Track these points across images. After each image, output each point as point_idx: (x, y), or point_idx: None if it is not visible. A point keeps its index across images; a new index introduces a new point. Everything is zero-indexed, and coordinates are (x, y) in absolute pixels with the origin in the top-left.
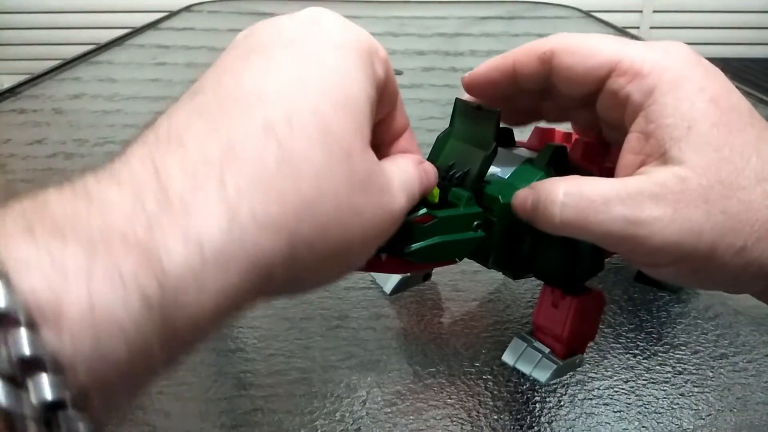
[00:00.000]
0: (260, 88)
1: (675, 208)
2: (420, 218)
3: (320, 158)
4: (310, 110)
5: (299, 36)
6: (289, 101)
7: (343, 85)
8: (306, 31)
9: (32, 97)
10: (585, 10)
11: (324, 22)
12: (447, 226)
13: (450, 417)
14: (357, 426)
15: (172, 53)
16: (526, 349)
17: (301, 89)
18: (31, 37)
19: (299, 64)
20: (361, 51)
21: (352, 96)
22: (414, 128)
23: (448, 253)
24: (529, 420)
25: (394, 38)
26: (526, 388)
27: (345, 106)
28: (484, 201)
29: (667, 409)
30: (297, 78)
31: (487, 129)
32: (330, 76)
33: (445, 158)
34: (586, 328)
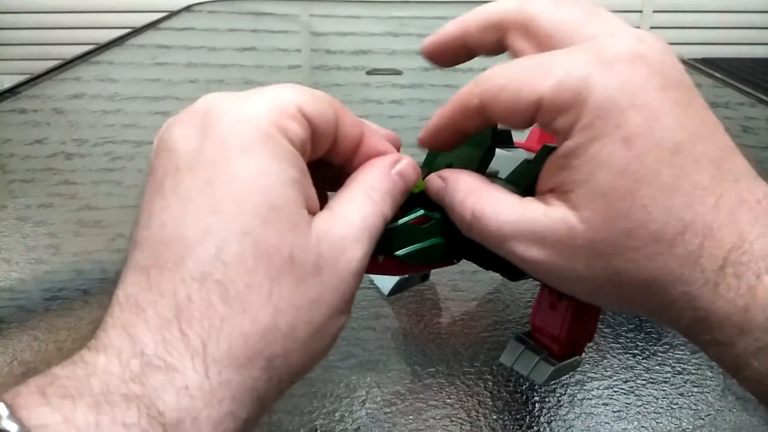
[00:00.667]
0: (183, 233)
1: (558, 256)
2: (416, 220)
3: (262, 278)
4: (236, 237)
5: (198, 157)
6: (213, 239)
7: (258, 191)
8: (203, 147)
9: (32, 97)
10: None
11: (217, 126)
12: (444, 228)
13: (449, 417)
14: (356, 426)
15: (172, 53)
16: (523, 350)
17: (220, 220)
18: (31, 37)
19: (208, 192)
20: (265, 136)
21: (273, 195)
22: (414, 128)
23: (445, 254)
24: (528, 420)
25: (394, 38)
26: (526, 388)
27: (270, 212)
28: None
29: (666, 409)
30: (211, 211)
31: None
32: (243, 192)
33: (443, 158)
34: (584, 329)
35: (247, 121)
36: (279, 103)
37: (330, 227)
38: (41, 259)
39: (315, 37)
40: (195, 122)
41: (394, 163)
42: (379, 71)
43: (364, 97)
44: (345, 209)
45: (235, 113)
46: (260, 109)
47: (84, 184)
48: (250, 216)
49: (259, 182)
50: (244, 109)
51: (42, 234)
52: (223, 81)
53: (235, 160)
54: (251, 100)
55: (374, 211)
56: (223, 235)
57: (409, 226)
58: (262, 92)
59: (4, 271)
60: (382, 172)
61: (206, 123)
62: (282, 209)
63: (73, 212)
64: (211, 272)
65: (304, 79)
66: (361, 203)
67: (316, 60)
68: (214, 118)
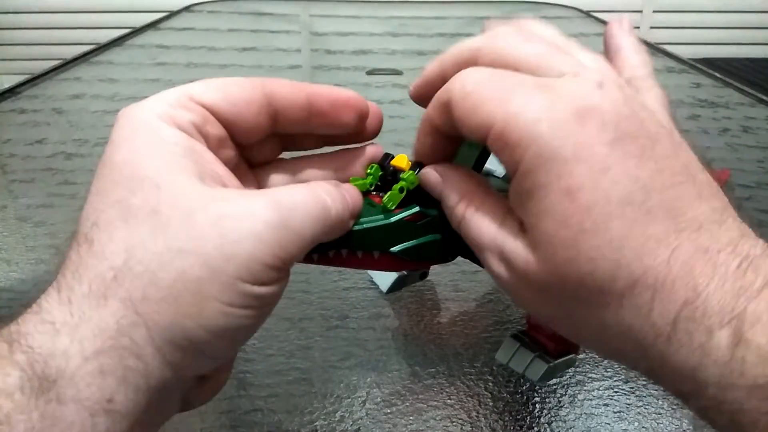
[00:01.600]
0: (85, 214)
1: (519, 282)
2: (411, 216)
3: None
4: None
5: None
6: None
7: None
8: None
9: (32, 97)
10: (585, 10)
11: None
12: (440, 225)
13: (450, 417)
14: (356, 426)
15: (172, 53)
16: (518, 348)
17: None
18: (31, 37)
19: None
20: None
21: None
22: (414, 128)
23: (440, 251)
24: (528, 420)
25: (394, 38)
26: (526, 389)
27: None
28: None
29: (666, 409)
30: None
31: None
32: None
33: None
34: None
35: (130, 117)
36: (166, 96)
37: (235, 194)
38: (41, 259)
39: (315, 37)
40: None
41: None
42: (379, 71)
43: (363, 97)
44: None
45: (127, 113)
46: (145, 105)
47: (84, 184)
48: (122, 189)
49: (131, 163)
50: (133, 110)
51: (42, 234)
52: None
53: (116, 151)
54: (145, 101)
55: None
56: (101, 207)
57: (405, 222)
58: (163, 91)
59: (4, 271)
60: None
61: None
62: (150, 179)
63: (73, 212)
64: (88, 235)
65: (304, 79)
66: (298, 188)
67: (316, 60)
68: (117, 120)
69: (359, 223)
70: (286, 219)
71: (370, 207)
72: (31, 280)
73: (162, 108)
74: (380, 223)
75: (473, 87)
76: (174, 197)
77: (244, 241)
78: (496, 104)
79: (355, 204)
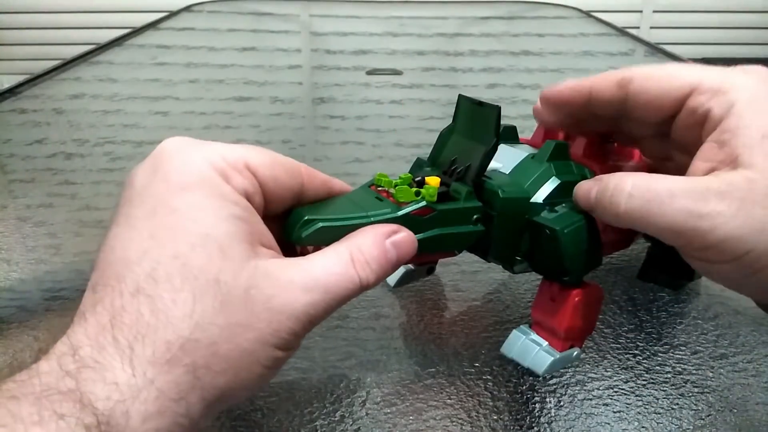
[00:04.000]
0: (126, 254)
1: (740, 205)
2: (418, 210)
3: (186, 296)
4: (167, 259)
5: (147, 191)
6: (149, 260)
7: (191, 222)
8: (151, 183)
9: (32, 97)
10: (585, 10)
11: (165, 166)
12: (446, 219)
13: (450, 417)
14: (357, 426)
15: (172, 53)
16: (523, 341)
17: (156, 245)
18: (31, 37)
19: (150, 221)
20: (205, 178)
21: (205, 226)
22: (414, 128)
23: (446, 245)
24: (528, 420)
25: (394, 38)
26: (526, 389)
27: (200, 240)
28: (484, 195)
29: (666, 409)
30: (150, 236)
31: (488, 124)
32: (178, 222)
33: (448, 153)
34: (584, 321)
35: (191, 163)
36: (226, 155)
37: (281, 268)
38: (41, 259)
39: (315, 37)
40: (151, 162)
41: (391, 233)
42: (379, 71)
43: (364, 97)
44: (313, 259)
45: (183, 156)
46: (206, 156)
47: (84, 184)
48: (182, 242)
49: (193, 214)
50: (192, 153)
51: (42, 234)
52: (223, 81)
53: (176, 195)
54: (201, 148)
55: (345, 272)
56: (157, 257)
57: (412, 216)
58: (216, 144)
59: (4, 271)
60: (376, 239)
61: (158, 163)
62: (213, 238)
63: (73, 212)
64: (144, 288)
65: (304, 79)
66: (336, 260)
67: (316, 60)
68: (165, 158)
69: (367, 216)
70: (322, 300)
71: (378, 201)
72: (31, 280)
73: (219, 163)
74: (389, 216)
75: (660, 68)
76: (234, 268)
77: (286, 320)
78: (697, 70)
79: (402, 256)
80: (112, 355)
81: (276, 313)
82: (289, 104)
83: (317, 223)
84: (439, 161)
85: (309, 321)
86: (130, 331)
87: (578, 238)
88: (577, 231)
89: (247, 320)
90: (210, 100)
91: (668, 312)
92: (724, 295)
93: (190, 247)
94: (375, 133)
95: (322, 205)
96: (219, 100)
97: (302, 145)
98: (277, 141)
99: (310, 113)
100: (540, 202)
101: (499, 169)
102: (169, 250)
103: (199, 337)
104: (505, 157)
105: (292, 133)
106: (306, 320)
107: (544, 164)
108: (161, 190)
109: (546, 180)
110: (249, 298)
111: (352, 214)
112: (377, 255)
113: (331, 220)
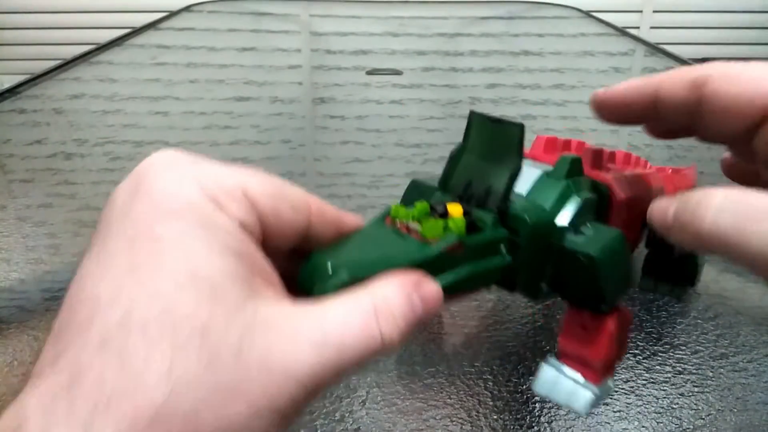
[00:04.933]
0: (97, 293)
1: None
2: (452, 247)
3: (164, 350)
4: (146, 301)
5: (127, 214)
6: (123, 301)
7: (179, 255)
8: (132, 205)
9: (32, 97)
10: (585, 10)
11: (149, 186)
12: (476, 253)
13: (450, 417)
14: (357, 426)
15: (172, 53)
16: (557, 377)
17: (133, 281)
18: (31, 37)
19: (130, 250)
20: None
21: (195, 261)
22: (414, 128)
23: (477, 282)
24: (528, 420)
25: (394, 38)
26: (526, 388)
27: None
28: (508, 222)
29: (666, 409)
30: (128, 269)
31: (509, 144)
32: (162, 254)
33: (461, 176)
34: (618, 349)
35: (180, 184)
36: (221, 179)
37: (285, 315)
38: (41, 259)
39: (315, 37)
40: (134, 179)
41: (418, 283)
42: (379, 71)
43: (364, 97)
44: (328, 306)
45: (171, 175)
46: (198, 178)
47: (84, 184)
48: (165, 279)
49: (180, 246)
50: (182, 173)
51: (42, 234)
52: (223, 81)
53: (161, 221)
54: (193, 167)
55: (366, 327)
56: (133, 298)
57: (445, 254)
58: (211, 163)
59: (4, 271)
60: (403, 290)
61: (141, 180)
62: (203, 276)
63: (73, 212)
64: (113, 338)
65: (304, 79)
66: (356, 310)
67: (316, 60)
68: (150, 176)
69: (396, 259)
70: (335, 360)
71: (400, 238)
72: (31, 281)
73: (212, 187)
74: (421, 258)
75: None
76: (227, 315)
77: (286, 384)
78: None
79: (429, 312)
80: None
81: (274, 373)
82: (289, 104)
83: (344, 273)
84: (450, 185)
85: (315, 386)
86: (91, 397)
87: (615, 261)
88: (613, 254)
89: (237, 383)
90: (210, 100)
91: (668, 312)
92: (724, 295)
93: (174, 286)
94: (375, 133)
95: (341, 246)
96: (219, 100)
97: (302, 145)
98: (277, 141)
99: (310, 113)
100: (565, 224)
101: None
102: (149, 288)
103: (177, 406)
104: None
105: (292, 133)
106: (311, 385)
107: (563, 182)
108: (144, 213)
109: (568, 200)
110: (242, 354)
111: (379, 258)
112: (405, 310)
113: (359, 267)
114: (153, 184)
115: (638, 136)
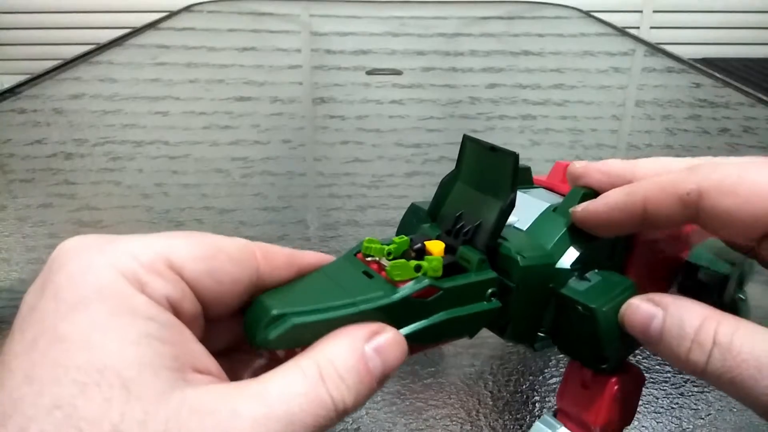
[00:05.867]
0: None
1: None
2: (420, 292)
3: None
4: (45, 414)
5: (31, 315)
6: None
7: (84, 353)
8: (37, 304)
9: (32, 97)
10: (585, 10)
11: (56, 279)
12: (456, 298)
13: (449, 417)
14: (357, 426)
15: (172, 53)
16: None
17: (31, 392)
18: (31, 37)
19: (29, 356)
20: (107, 289)
21: (103, 356)
22: (414, 128)
23: (456, 330)
24: (528, 420)
25: (394, 38)
26: (526, 388)
27: (95, 377)
28: (498, 262)
29: (666, 408)
30: (26, 379)
31: (503, 174)
32: (67, 354)
33: (452, 206)
34: (624, 413)
35: (91, 271)
36: (139, 254)
37: (220, 396)
38: (41, 259)
39: (315, 37)
40: (43, 274)
41: (371, 335)
42: (379, 71)
43: (364, 97)
44: (267, 380)
45: (81, 262)
46: (112, 259)
47: (84, 184)
48: (67, 384)
49: (88, 342)
50: (93, 258)
51: (42, 234)
52: (223, 81)
53: (65, 318)
54: (107, 248)
55: (312, 393)
56: (30, 412)
57: (412, 300)
58: (128, 240)
59: (4, 271)
60: (352, 345)
61: (48, 276)
62: (113, 371)
63: (73, 212)
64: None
65: (304, 79)
66: (299, 378)
67: (316, 60)
68: (56, 268)
69: (355, 304)
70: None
71: (367, 279)
72: (31, 281)
73: (130, 266)
74: (383, 303)
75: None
76: (146, 410)
77: None
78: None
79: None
80: None
81: None
82: (289, 104)
83: (290, 319)
84: (440, 215)
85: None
86: None
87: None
88: (620, 308)
89: None
90: (210, 100)
91: None
92: None
93: (78, 390)
94: (375, 133)
95: (293, 288)
96: (219, 100)
97: (302, 145)
98: (277, 141)
99: (310, 113)
100: (567, 267)
101: (515, 224)
102: (48, 398)
103: None
104: (520, 209)
105: (292, 133)
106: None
107: (570, 218)
108: (48, 312)
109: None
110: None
111: (334, 302)
112: (354, 366)
113: (309, 312)
114: (58, 279)
115: (638, 136)
